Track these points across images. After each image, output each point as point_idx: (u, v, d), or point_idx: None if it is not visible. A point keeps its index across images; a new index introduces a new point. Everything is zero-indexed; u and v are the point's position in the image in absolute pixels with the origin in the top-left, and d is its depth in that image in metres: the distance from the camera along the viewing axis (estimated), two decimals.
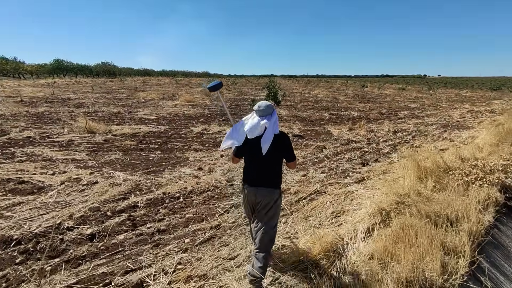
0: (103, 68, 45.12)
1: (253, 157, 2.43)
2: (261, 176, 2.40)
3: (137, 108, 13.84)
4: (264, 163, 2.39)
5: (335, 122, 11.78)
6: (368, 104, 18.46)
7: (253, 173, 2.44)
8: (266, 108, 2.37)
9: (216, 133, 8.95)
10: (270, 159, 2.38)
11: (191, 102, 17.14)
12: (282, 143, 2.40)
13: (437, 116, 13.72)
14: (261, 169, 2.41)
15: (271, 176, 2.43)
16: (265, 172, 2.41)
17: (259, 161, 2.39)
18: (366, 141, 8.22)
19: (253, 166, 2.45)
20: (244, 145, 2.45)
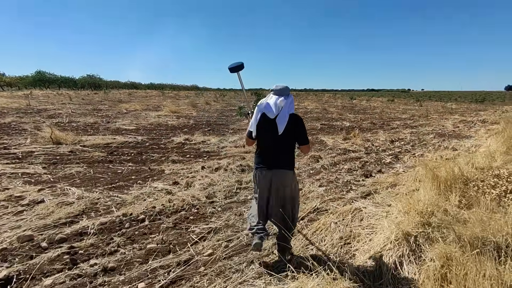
0: (88, 81, 43.78)
1: (268, 139, 2.42)
2: (277, 158, 2.38)
3: (116, 119, 12.81)
4: (279, 145, 2.39)
5: (328, 132, 11.05)
6: (358, 115, 17.94)
7: (269, 155, 2.41)
8: (283, 88, 2.40)
9: (200, 143, 8.04)
10: (285, 141, 2.38)
11: (176, 112, 16.20)
12: (296, 124, 2.39)
13: (430, 125, 13.21)
14: (277, 151, 2.39)
15: (287, 158, 2.42)
16: (280, 155, 2.39)
17: (274, 143, 2.38)
18: (364, 150, 7.46)
19: (268, 148, 2.43)
20: (259, 126, 2.41)
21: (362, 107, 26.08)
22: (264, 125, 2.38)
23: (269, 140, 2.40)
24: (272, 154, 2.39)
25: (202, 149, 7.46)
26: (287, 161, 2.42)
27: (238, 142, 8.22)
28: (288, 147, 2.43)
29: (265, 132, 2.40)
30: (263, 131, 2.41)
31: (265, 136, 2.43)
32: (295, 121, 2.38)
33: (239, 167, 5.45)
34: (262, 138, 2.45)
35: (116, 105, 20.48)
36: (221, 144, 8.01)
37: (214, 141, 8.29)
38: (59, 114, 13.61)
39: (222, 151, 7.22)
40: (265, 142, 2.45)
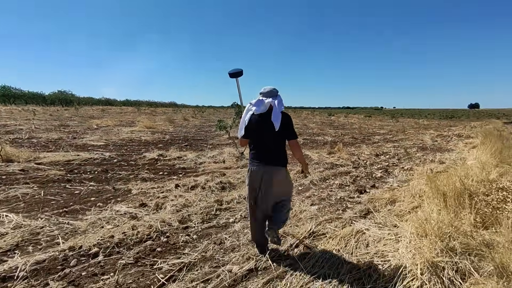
0: (58, 97, 41.64)
1: (261, 137, 2.47)
2: (270, 155, 2.45)
3: (84, 135, 11.77)
4: (272, 142, 2.45)
5: (311, 146, 10.64)
6: (339, 130, 17.86)
7: (262, 153, 2.47)
8: (271, 90, 2.46)
9: (175, 159, 7.29)
10: (277, 138, 2.44)
11: (151, 128, 15.32)
12: (285, 121, 2.44)
13: (410, 140, 13.20)
14: (270, 148, 2.46)
15: (280, 155, 2.49)
16: (274, 152, 2.46)
17: (267, 141, 2.45)
18: (351, 164, 7.03)
19: (262, 146, 2.48)
20: (250, 126, 2.48)
21: (340, 123, 26.29)
22: (256, 124, 2.46)
23: (261, 137, 2.47)
24: (265, 151, 2.47)
25: (178, 165, 6.73)
26: (280, 157, 2.50)
27: (218, 157, 7.57)
28: (280, 145, 2.49)
29: (257, 130, 2.47)
30: (255, 130, 2.48)
31: (257, 134, 2.48)
32: (284, 117, 2.45)
33: (219, 184, 4.78)
34: (255, 136, 2.51)
35: (87, 121, 19.22)
36: (198, 159, 7.31)
37: (191, 157, 7.58)
38: (20, 130, 12.37)
39: (199, 167, 6.53)
40: (258, 140, 2.50)
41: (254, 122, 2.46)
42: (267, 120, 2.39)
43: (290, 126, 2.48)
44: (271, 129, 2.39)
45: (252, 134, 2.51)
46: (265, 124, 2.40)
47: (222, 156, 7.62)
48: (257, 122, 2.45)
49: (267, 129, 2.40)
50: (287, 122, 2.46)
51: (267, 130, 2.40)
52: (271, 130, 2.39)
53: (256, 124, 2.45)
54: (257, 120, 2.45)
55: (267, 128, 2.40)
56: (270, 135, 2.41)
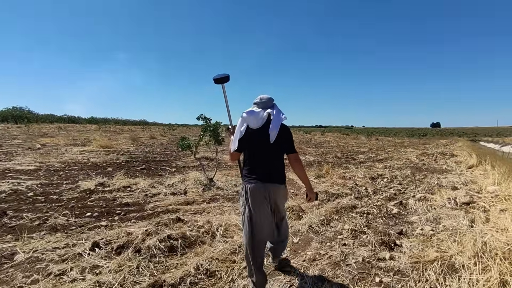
0: (12, 113, 37.34)
1: (257, 151, 2.23)
2: (266, 171, 2.20)
3: (16, 156, 9.37)
4: (269, 157, 2.22)
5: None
6: (319, 149, 16.57)
7: (259, 168, 2.21)
8: (268, 100, 2.25)
9: (119, 190, 5.35)
10: (275, 152, 2.23)
11: (108, 147, 13.09)
12: (284, 133, 2.21)
13: (396, 159, 12.09)
14: (267, 163, 2.22)
15: (280, 171, 2.27)
16: (271, 167, 2.22)
17: (266, 155, 2.22)
18: (350, 193, 5.48)
19: (258, 160, 2.23)
20: (246, 137, 2.21)
21: (317, 141, 25.25)
22: (254, 136, 2.21)
23: (258, 153, 2.23)
24: (262, 167, 2.21)
25: (120, 199, 4.81)
26: (277, 174, 2.25)
27: (179, 186, 5.72)
28: (278, 160, 2.26)
29: (252, 143, 2.22)
30: (250, 143, 2.23)
31: (255, 147, 2.23)
32: (283, 130, 2.21)
33: (166, 242, 2.92)
34: (252, 150, 2.24)
35: (35, 139, 16.46)
36: (152, 190, 5.42)
37: (144, 186, 5.66)
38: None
39: (149, 203, 4.65)
40: (254, 156, 2.25)
41: (251, 134, 2.20)
42: (265, 132, 2.15)
43: (290, 139, 2.25)
44: (272, 143, 2.15)
45: (248, 148, 2.25)
46: (264, 136, 2.15)
47: (185, 184, 5.79)
48: (254, 134, 2.19)
49: (266, 142, 2.15)
50: (287, 134, 2.24)
51: (266, 143, 2.16)
52: (271, 144, 2.15)
53: (254, 136, 2.20)
54: (255, 132, 2.19)
55: (267, 141, 2.15)
56: (269, 148, 2.18)
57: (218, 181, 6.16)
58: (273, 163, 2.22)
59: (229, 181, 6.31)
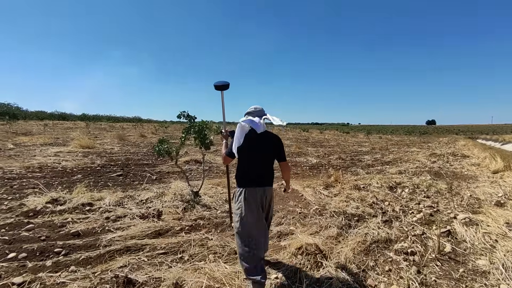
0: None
1: (254, 157, 2.35)
2: (263, 175, 2.37)
3: None
4: (265, 163, 2.38)
5: (297, 173, 7.83)
6: (319, 148, 15.35)
7: (256, 173, 2.34)
8: (261, 110, 2.46)
9: (76, 209, 4.07)
10: (269, 158, 2.41)
11: (88, 148, 11.72)
12: (279, 143, 2.45)
13: (406, 161, 10.92)
14: (264, 168, 2.38)
15: (271, 175, 2.44)
16: (266, 171, 2.39)
17: (261, 161, 2.36)
18: (372, 212, 4.25)
19: (255, 166, 2.36)
20: (244, 145, 2.30)
21: (315, 139, 24.03)
22: (250, 144, 2.31)
23: (255, 159, 2.35)
24: (259, 171, 2.36)
25: (70, 225, 3.52)
26: (271, 177, 2.44)
27: (154, 202, 4.45)
28: (271, 165, 2.44)
29: (251, 150, 2.33)
30: (249, 150, 2.32)
31: (251, 154, 2.34)
32: (277, 140, 2.45)
33: None
34: (247, 158, 2.34)
35: (10, 138, 14.99)
36: (118, 209, 4.13)
37: (109, 202, 4.38)
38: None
39: (108, 232, 3.37)
40: (250, 162, 2.35)
41: (251, 142, 2.31)
42: (264, 140, 2.36)
43: (282, 147, 2.47)
44: (268, 150, 2.38)
45: (246, 154, 2.33)
46: (263, 144, 2.35)
47: (162, 200, 4.51)
48: (254, 141, 2.32)
49: (264, 149, 2.36)
50: (280, 143, 2.46)
51: (264, 150, 2.36)
52: (268, 151, 2.38)
53: (254, 144, 2.32)
54: (255, 140, 2.32)
55: (265, 148, 2.36)
56: (266, 155, 2.38)
57: (205, 195, 4.89)
58: (268, 168, 2.40)
59: (219, 195, 5.04)
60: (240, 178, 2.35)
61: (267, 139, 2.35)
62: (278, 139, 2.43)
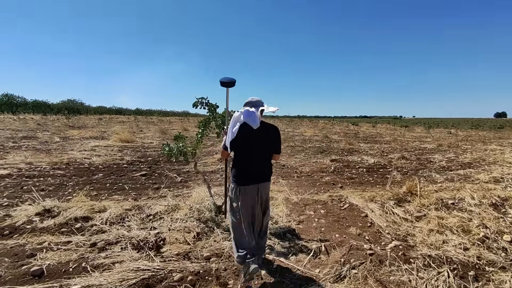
0: (66, 105, 38.90)
1: (252, 151, 2.22)
2: (261, 170, 2.26)
3: (8, 153, 7.76)
4: (264, 158, 2.28)
5: (351, 177, 6.18)
6: (373, 145, 13.22)
7: (255, 169, 2.23)
8: (259, 100, 2.28)
9: (61, 228, 3.08)
10: (268, 152, 2.30)
11: (126, 142, 11.31)
12: (277, 135, 2.34)
13: (494, 163, 8.47)
14: (263, 164, 2.27)
15: (269, 169, 2.34)
16: (264, 167, 2.28)
17: (259, 157, 2.25)
18: (495, 257, 2.57)
19: (253, 162, 2.23)
20: (239, 139, 2.17)
21: (367, 134, 21.48)
22: (246, 137, 2.17)
23: (252, 152, 2.22)
24: (256, 166, 2.24)
25: (40, 257, 2.50)
26: (269, 172, 2.35)
27: (164, 219, 3.30)
28: (269, 158, 2.34)
29: (248, 144, 2.20)
30: (246, 143, 2.20)
31: (247, 148, 2.21)
32: (275, 132, 2.33)
33: None
34: (245, 150, 2.22)
35: (63, 131, 15.50)
36: (114, 230, 3.05)
37: (109, 216, 3.34)
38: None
39: (81, 274, 2.26)
40: (247, 156, 2.23)
41: (249, 137, 2.18)
42: (262, 134, 2.21)
43: (279, 139, 2.37)
44: (266, 145, 2.27)
45: (243, 147, 2.21)
46: (261, 137, 2.22)
47: (173, 216, 3.33)
48: (251, 134, 2.17)
49: (262, 142, 2.23)
50: (278, 135, 2.35)
51: (262, 143, 2.24)
52: (266, 146, 2.27)
53: (251, 139, 2.19)
54: (251, 133, 2.17)
55: (263, 141, 2.24)
56: (265, 150, 2.27)
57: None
58: (267, 163, 2.31)
59: None
60: (238, 175, 2.23)
61: (265, 133, 2.23)
62: (276, 130, 2.33)
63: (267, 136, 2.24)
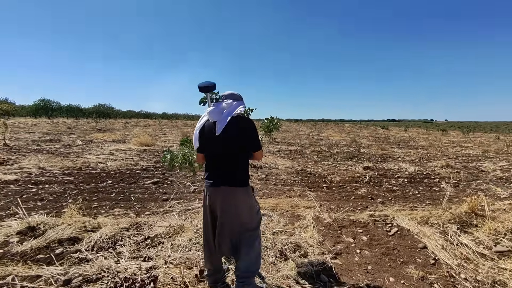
0: (97, 110, 40.32)
1: (212, 149, 1.88)
2: (222, 172, 1.84)
3: (23, 157, 7.53)
4: (223, 155, 1.84)
5: (391, 190, 5.21)
6: (409, 150, 11.93)
7: (212, 168, 1.88)
8: (232, 94, 1.96)
9: (36, 255, 2.47)
10: (230, 150, 1.83)
11: (146, 145, 10.97)
12: (243, 128, 1.84)
13: None
14: (221, 162, 1.85)
15: (234, 172, 1.84)
16: (225, 166, 1.84)
17: (218, 153, 1.85)
18: None
19: (212, 159, 1.89)
20: (202, 134, 1.90)
21: (399, 138, 19.90)
22: (209, 133, 1.86)
23: (213, 150, 1.88)
24: (216, 166, 1.87)
25: None
26: (235, 175, 1.84)
27: (163, 246, 2.62)
28: (235, 158, 1.85)
29: (208, 142, 1.88)
30: (206, 141, 1.89)
31: (209, 146, 1.89)
32: (242, 123, 1.84)
33: None
34: (207, 149, 1.91)
35: (88, 134, 15.61)
36: (100, 258, 2.40)
37: (99, 239, 2.72)
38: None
39: None
40: (209, 154, 1.91)
41: (206, 130, 1.88)
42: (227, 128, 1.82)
43: (251, 134, 1.84)
44: (224, 138, 1.81)
45: (205, 146, 1.91)
46: (220, 134, 1.81)
47: (174, 242, 2.64)
48: (210, 130, 1.86)
49: (220, 138, 1.81)
50: (247, 127, 1.84)
51: (220, 139, 1.81)
52: (224, 139, 1.81)
53: (209, 133, 1.86)
54: (211, 128, 1.86)
55: (222, 138, 1.81)
56: (224, 145, 1.81)
57: None
58: (230, 162, 1.84)
59: (279, 237, 2.94)
60: (205, 172, 1.94)
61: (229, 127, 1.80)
62: (245, 121, 1.85)
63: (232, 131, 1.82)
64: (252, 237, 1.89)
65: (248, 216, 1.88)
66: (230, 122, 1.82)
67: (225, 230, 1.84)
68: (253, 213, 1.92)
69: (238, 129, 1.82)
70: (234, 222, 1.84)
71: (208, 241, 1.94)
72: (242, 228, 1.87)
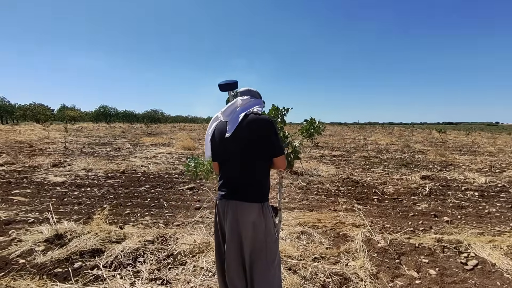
0: (149, 115, 43.14)
1: (222, 154, 1.53)
2: (232, 182, 1.47)
3: (74, 160, 7.96)
4: (235, 162, 1.46)
5: (460, 206, 4.29)
6: (474, 157, 10.31)
7: (224, 177, 1.51)
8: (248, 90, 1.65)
9: (54, 269, 2.30)
10: (248, 155, 1.44)
11: (189, 149, 11.08)
12: (259, 126, 1.43)
13: None
14: (232, 170, 1.48)
15: (247, 182, 1.44)
16: (237, 176, 1.45)
17: (228, 159, 1.50)
18: None
19: (224, 166, 1.53)
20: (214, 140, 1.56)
21: (459, 143, 17.60)
22: (218, 137, 1.54)
23: (223, 155, 1.52)
24: (228, 175, 1.50)
25: None
26: (248, 187, 1.43)
27: (185, 266, 2.28)
28: (250, 165, 1.44)
29: (219, 145, 1.53)
30: (218, 145, 1.54)
31: (219, 150, 1.54)
32: (256, 123, 1.44)
33: None
34: (219, 156, 1.55)
35: (138, 138, 16.48)
36: (112, 281, 2.14)
37: (122, 252, 2.48)
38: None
39: None
40: (222, 164, 1.55)
41: (217, 133, 1.54)
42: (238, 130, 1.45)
43: (268, 135, 1.43)
44: (238, 142, 1.43)
45: (216, 151, 1.56)
46: (231, 136, 1.44)
47: (197, 263, 2.28)
48: (221, 131, 1.51)
49: (233, 142, 1.44)
50: (263, 127, 1.43)
51: (230, 142, 1.45)
52: (235, 142, 1.44)
53: (220, 134, 1.51)
54: (222, 129, 1.51)
55: (234, 141, 1.44)
56: (235, 148, 1.44)
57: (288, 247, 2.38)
58: (245, 171, 1.44)
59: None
60: (218, 181, 1.58)
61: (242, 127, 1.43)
62: (262, 121, 1.43)
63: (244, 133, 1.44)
64: (268, 265, 1.44)
65: (260, 243, 1.41)
66: (243, 121, 1.46)
67: (231, 254, 1.44)
68: (268, 240, 1.44)
69: (252, 130, 1.44)
70: (242, 248, 1.42)
71: (220, 266, 1.56)
72: (252, 257, 1.42)
